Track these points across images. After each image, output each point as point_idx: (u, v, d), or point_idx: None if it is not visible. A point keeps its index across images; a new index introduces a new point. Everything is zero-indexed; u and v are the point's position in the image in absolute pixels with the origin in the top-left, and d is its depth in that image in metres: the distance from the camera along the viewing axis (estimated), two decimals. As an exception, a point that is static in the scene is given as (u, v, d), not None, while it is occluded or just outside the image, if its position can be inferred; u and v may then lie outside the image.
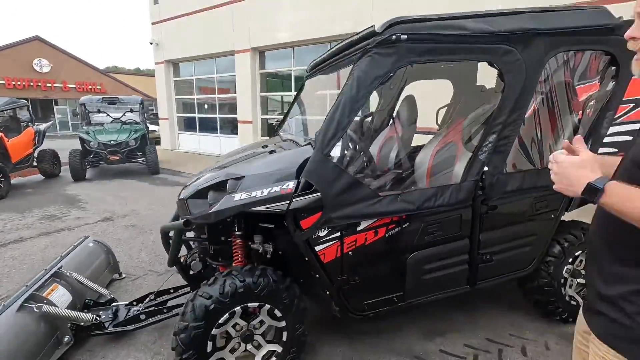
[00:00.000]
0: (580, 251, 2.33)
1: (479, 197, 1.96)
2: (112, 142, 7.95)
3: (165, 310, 2.31)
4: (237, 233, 2.02)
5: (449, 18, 1.76)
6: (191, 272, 2.27)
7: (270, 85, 10.45)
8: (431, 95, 3.40)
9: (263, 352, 1.85)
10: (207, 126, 11.99)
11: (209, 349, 1.69)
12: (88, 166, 8.01)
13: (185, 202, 2.04)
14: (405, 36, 1.64)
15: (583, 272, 2.39)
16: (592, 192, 0.81)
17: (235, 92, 10.44)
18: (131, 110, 9.28)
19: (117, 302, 2.47)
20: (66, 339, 2.10)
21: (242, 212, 1.74)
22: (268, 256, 2.07)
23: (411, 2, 6.91)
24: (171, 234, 2.15)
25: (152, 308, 2.34)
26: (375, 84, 1.68)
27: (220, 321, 1.69)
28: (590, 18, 1.98)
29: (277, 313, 1.80)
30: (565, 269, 2.31)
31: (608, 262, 0.93)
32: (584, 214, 2.06)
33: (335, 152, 1.76)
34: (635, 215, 0.76)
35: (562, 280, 2.32)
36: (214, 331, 1.68)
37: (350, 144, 1.90)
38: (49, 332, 2.02)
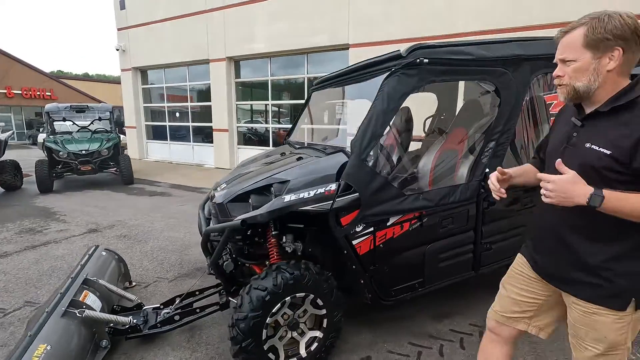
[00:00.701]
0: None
1: (481, 195, 2.31)
2: (84, 152, 7.63)
3: (198, 310, 2.42)
4: (273, 233, 2.21)
5: (458, 45, 2.10)
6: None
7: (244, 94, 10.56)
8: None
9: (306, 338, 2.04)
10: (179, 135, 11.79)
11: (264, 336, 1.86)
12: (55, 177, 7.63)
13: (225, 206, 2.20)
14: (427, 60, 1.96)
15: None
16: (596, 200, 1.03)
17: (209, 101, 10.41)
18: (100, 119, 8.94)
19: (144, 306, 2.53)
20: (104, 343, 2.14)
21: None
22: (299, 253, 2.28)
23: (384, 19, 7.45)
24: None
25: (180, 310, 2.44)
26: (403, 99, 1.98)
27: (273, 310, 1.87)
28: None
29: (319, 302, 2.01)
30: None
31: (578, 242, 1.22)
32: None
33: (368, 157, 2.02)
34: (635, 213, 1.05)
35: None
36: (268, 320, 1.86)
37: (379, 150, 2.18)
38: (90, 337, 2.07)
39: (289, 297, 1.91)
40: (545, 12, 6.00)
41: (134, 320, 2.27)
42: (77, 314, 2.02)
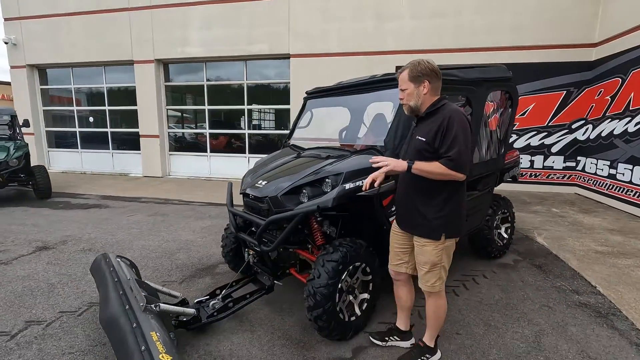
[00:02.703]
0: (500, 211, 3.78)
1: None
2: (-13, 163, 6.45)
3: (247, 296, 2.65)
4: (318, 219, 2.62)
5: (448, 68, 2.84)
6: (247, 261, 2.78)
7: (175, 99, 10.12)
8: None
9: (359, 300, 2.51)
10: (94, 141, 10.57)
11: (337, 299, 2.28)
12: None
13: (280, 198, 2.52)
14: (433, 79, 2.63)
15: (501, 224, 3.87)
16: (410, 166, 1.83)
17: (134, 104, 9.68)
18: (-5, 124, 7.56)
19: (188, 302, 2.63)
20: (171, 335, 2.24)
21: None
22: (334, 235, 2.74)
23: (322, 34, 8.18)
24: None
25: (231, 298, 2.64)
26: (419, 108, 2.61)
27: (342, 277, 2.29)
28: (501, 71, 3.43)
29: (367, 269, 2.49)
30: (495, 223, 3.72)
31: (416, 198, 1.97)
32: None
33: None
34: (427, 172, 1.82)
35: (494, 231, 3.72)
36: (339, 285, 2.28)
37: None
38: (164, 329, 2.17)
39: (351, 266, 2.35)
40: (454, 39, 7.49)
41: (195, 311, 2.40)
42: (154, 308, 2.11)
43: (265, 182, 2.74)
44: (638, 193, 5.59)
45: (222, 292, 2.69)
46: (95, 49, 9.61)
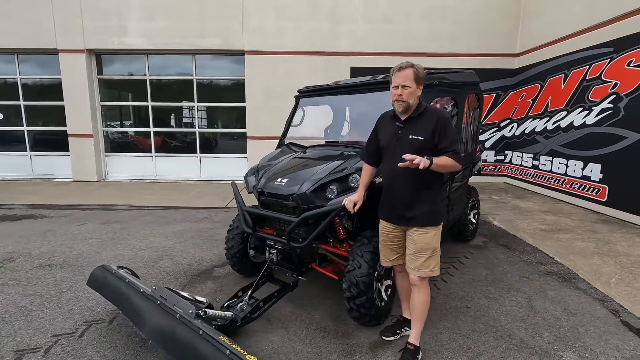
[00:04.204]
0: (471, 200, 4.29)
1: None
2: None
3: (275, 294, 2.64)
4: (341, 214, 2.73)
5: (443, 73, 3.17)
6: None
7: (109, 94, 9.13)
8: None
9: (384, 286, 2.68)
10: (5, 142, 9.00)
11: (374, 287, 2.42)
12: None
13: (309, 195, 2.56)
14: (437, 82, 2.93)
15: (470, 211, 4.39)
16: (431, 162, 1.84)
17: (59, 99, 8.50)
18: None
19: (214, 306, 2.53)
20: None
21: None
22: (351, 229, 2.89)
23: (278, 32, 8.17)
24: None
25: (261, 298, 2.59)
26: (428, 107, 2.88)
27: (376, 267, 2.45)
28: (473, 76, 3.90)
29: (390, 257, 2.69)
30: (468, 210, 4.21)
31: (414, 192, 2.06)
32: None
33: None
34: (442, 165, 1.92)
35: (468, 217, 4.21)
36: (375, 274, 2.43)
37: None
38: (208, 336, 2.08)
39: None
40: (403, 44, 8.08)
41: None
42: (202, 314, 2.02)
43: (286, 179, 2.75)
44: (557, 180, 6.75)
45: (248, 293, 2.63)
46: (6, 35, 8.18)
